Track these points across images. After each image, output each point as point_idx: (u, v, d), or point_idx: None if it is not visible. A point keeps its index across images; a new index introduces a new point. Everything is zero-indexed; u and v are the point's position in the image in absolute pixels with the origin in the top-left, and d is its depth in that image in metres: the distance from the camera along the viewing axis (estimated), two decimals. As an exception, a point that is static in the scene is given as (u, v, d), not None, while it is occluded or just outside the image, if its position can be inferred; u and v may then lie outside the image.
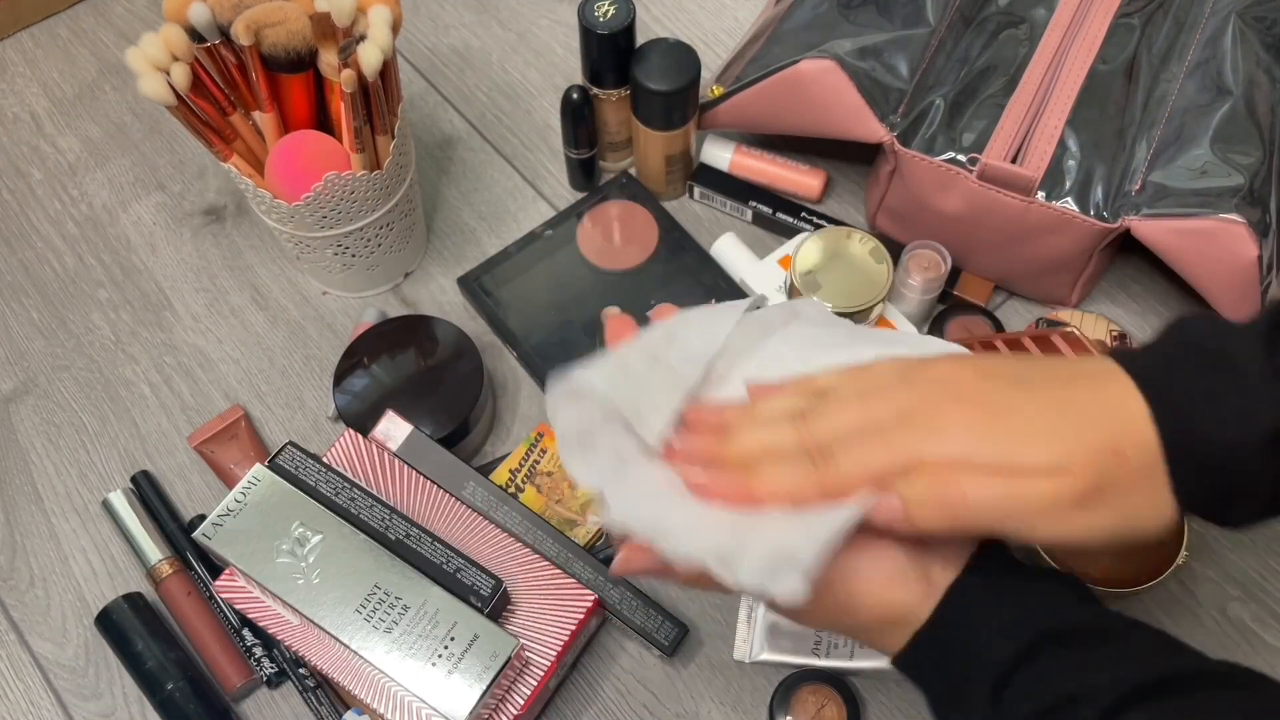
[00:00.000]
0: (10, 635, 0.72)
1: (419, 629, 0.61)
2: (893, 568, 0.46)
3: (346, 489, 0.65)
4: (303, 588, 0.62)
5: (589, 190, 0.86)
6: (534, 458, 0.73)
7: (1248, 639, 0.69)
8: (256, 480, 0.64)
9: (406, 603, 0.61)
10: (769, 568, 0.43)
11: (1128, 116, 0.73)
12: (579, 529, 0.71)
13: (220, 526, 0.63)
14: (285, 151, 0.71)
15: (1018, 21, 0.77)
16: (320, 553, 0.62)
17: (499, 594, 0.62)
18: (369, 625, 0.61)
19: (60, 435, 0.78)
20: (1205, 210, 0.68)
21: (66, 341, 0.82)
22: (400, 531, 0.64)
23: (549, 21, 0.95)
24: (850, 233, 0.73)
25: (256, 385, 0.80)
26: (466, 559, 0.63)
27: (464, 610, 0.61)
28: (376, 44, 0.66)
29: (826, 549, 0.43)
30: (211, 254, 0.85)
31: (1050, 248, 0.73)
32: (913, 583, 0.46)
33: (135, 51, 0.66)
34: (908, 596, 0.46)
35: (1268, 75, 0.73)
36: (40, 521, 0.76)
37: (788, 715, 0.66)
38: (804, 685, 0.66)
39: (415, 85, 0.92)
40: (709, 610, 0.71)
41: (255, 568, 0.62)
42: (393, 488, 0.67)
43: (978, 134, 0.73)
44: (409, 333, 0.75)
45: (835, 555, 0.44)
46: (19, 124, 0.92)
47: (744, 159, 0.84)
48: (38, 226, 0.87)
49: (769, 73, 0.76)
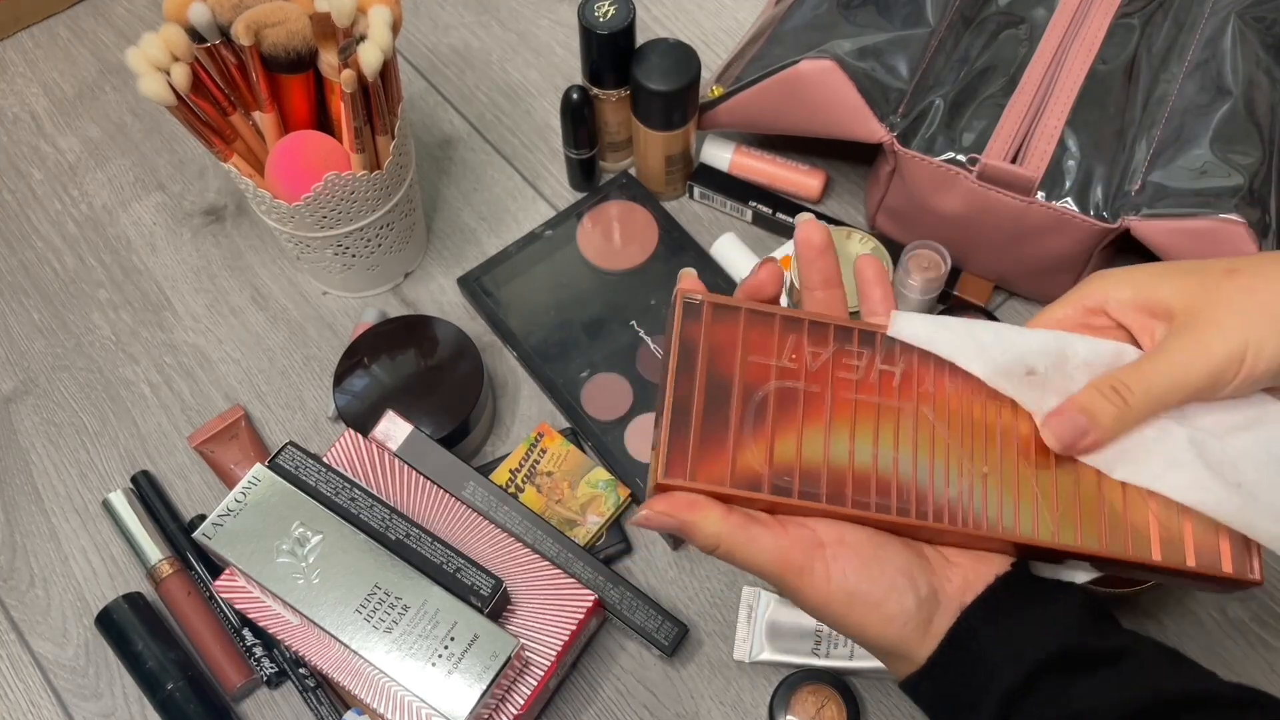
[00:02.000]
0: (10, 635, 0.72)
1: (419, 629, 0.61)
2: (896, 608, 0.45)
3: (346, 489, 0.65)
4: (303, 588, 0.62)
5: (589, 190, 0.86)
6: (534, 458, 0.73)
7: (1247, 639, 0.69)
8: (256, 480, 0.64)
9: (407, 603, 0.61)
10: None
11: (1127, 117, 0.73)
12: (579, 529, 0.71)
13: (220, 526, 0.63)
14: (285, 152, 0.71)
15: (1018, 21, 0.77)
16: (320, 553, 0.62)
17: (499, 594, 0.62)
18: (369, 625, 0.61)
19: (60, 435, 0.78)
20: (1205, 210, 0.68)
21: (66, 341, 0.82)
22: (400, 531, 0.64)
23: (549, 21, 0.95)
24: (850, 233, 0.73)
25: (256, 385, 0.80)
26: (466, 559, 0.63)
27: (464, 610, 0.61)
28: (376, 44, 0.66)
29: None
30: (212, 254, 0.85)
31: (1050, 248, 0.74)
32: (911, 627, 0.45)
33: (135, 52, 0.66)
34: (905, 636, 0.46)
35: (1267, 75, 0.73)
36: (40, 521, 0.76)
37: (788, 715, 0.66)
38: (804, 685, 0.67)
39: (415, 85, 0.92)
40: (709, 610, 0.71)
41: (255, 568, 0.62)
42: (393, 488, 0.67)
43: (977, 134, 0.73)
44: (409, 333, 0.75)
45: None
46: (19, 124, 0.92)
47: (744, 159, 0.84)
48: (38, 227, 0.87)
49: (769, 73, 0.76)
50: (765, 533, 0.45)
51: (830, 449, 0.48)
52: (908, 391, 0.49)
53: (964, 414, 0.49)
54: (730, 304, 0.50)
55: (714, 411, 0.48)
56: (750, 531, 0.45)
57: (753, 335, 0.50)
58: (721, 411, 0.48)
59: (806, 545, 0.45)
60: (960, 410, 0.49)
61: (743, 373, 0.49)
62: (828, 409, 0.49)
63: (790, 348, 0.50)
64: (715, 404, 0.48)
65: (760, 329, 0.50)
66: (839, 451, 0.48)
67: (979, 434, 0.49)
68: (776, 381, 0.49)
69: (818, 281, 0.51)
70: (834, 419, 0.49)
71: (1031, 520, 0.47)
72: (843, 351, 0.50)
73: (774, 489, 0.47)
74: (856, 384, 0.49)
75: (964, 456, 0.48)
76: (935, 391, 0.49)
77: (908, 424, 0.49)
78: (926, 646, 0.46)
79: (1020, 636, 0.45)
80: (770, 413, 0.48)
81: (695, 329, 0.49)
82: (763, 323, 0.50)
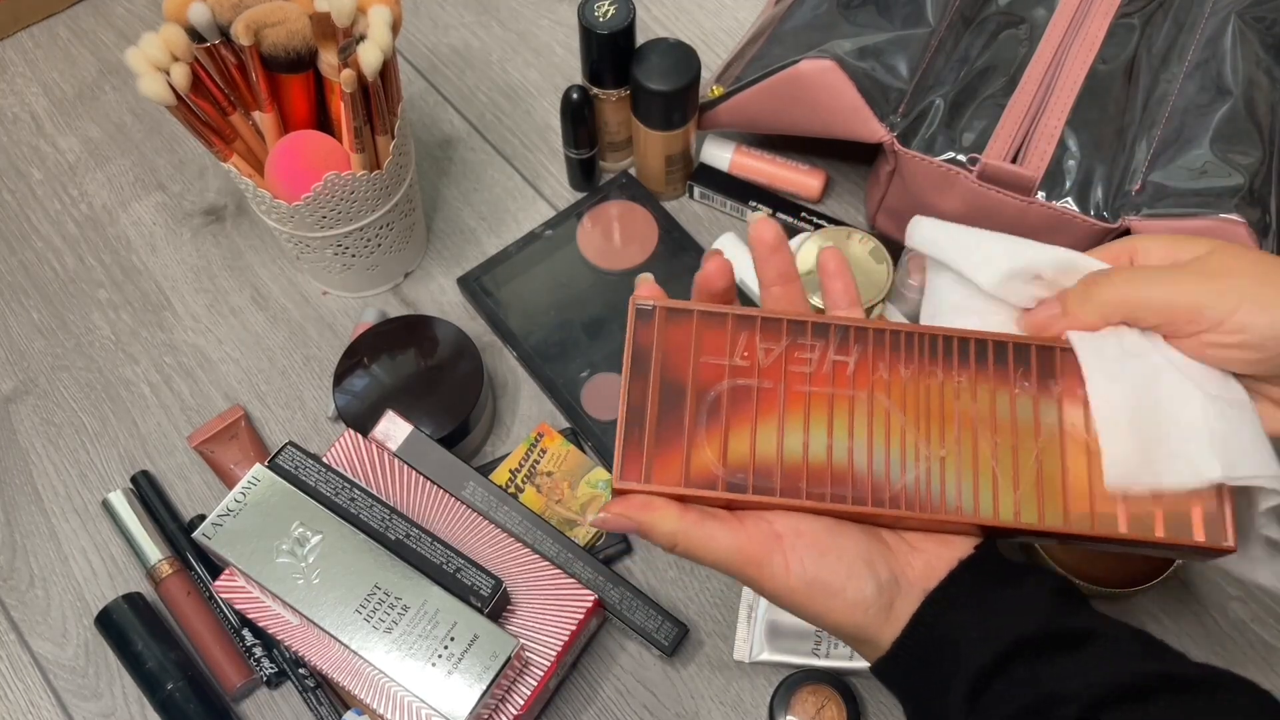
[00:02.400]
0: (10, 635, 0.72)
1: (419, 629, 0.61)
2: (856, 594, 0.46)
3: (346, 489, 0.65)
4: (303, 588, 0.62)
5: (589, 190, 0.86)
6: (534, 457, 0.73)
7: (1247, 639, 0.69)
8: (256, 480, 0.64)
9: (406, 603, 0.61)
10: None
11: (1128, 116, 0.73)
12: (579, 529, 0.71)
13: (220, 527, 0.63)
14: (285, 151, 0.71)
15: (1018, 21, 0.77)
16: (320, 553, 0.62)
17: (499, 594, 0.62)
18: (369, 625, 0.61)
19: (60, 435, 0.78)
20: (1205, 210, 0.68)
21: (66, 341, 0.82)
22: (400, 531, 0.64)
23: (549, 21, 0.95)
24: (850, 233, 0.73)
25: (256, 385, 0.80)
26: (466, 559, 0.63)
27: (464, 610, 0.61)
28: (376, 44, 0.66)
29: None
30: (211, 254, 0.85)
31: (1050, 248, 0.73)
32: (874, 613, 0.46)
33: (135, 52, 0.66)
34: (868, 621, 0.46)
35: (1267, 75, 0.73)
36: (40, 521, 0.76)
37: (788, 715, 0.66)
38: (804, 685, 0.67)
39: (415, 85, 0.92)
40: (709, 609, 0.71)
41: (255, 568, 0.62)
42: (393, 488, 0.67)
43: (978, 134, 0.73)
44: (409, 333, 0.75)
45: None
46: (19, 124, 0.92)
47: (744, 159, 0.84)
48: (38, 227, 0.87)
49: (769, 73, 0.76)
50: (722, 528, 0.46)
51: (784, 443, 0.49)
52: (862, 380, 0.50)
53: (920, 398, 0.50)
54: (683, 307, 0.51)
55: (668, 414, 0.50)
56: (706, 528, 0.46)
57: (705, 336, 0.51)
58: (675, 413, 0.49)
59: (764, 538, 0.46)
60: (916, 395, 0.50)
61: (696, 374, 0.50)
62: (780, 403, 0.50)
63: (743, 346, 0.51)
64: (669, 407, 0.50)
65: (713, 330, 0.51)
66: (793, 444, 0.49)
67: (935, 418, 0.49)
68: (729, 380, 0.50)
69: (774, 278, 0.52)
70: (787, 413, 0.50)
71: (991, 501, 0.47)
72: (795, 345, 0.51)
73: (729, 486, 0.48)
74: (810, 376, 0.50)
75: (921, 441, 0.49)
76: (890, 378, 0.50)
77: (862, 412, 0.50)
78: (890, 631, 0.46)
79: (990, 618, 0.45)
80: (724, 411, 0.50)
81: (648, 334, 0.51)
82: (715, 323, 0.51)
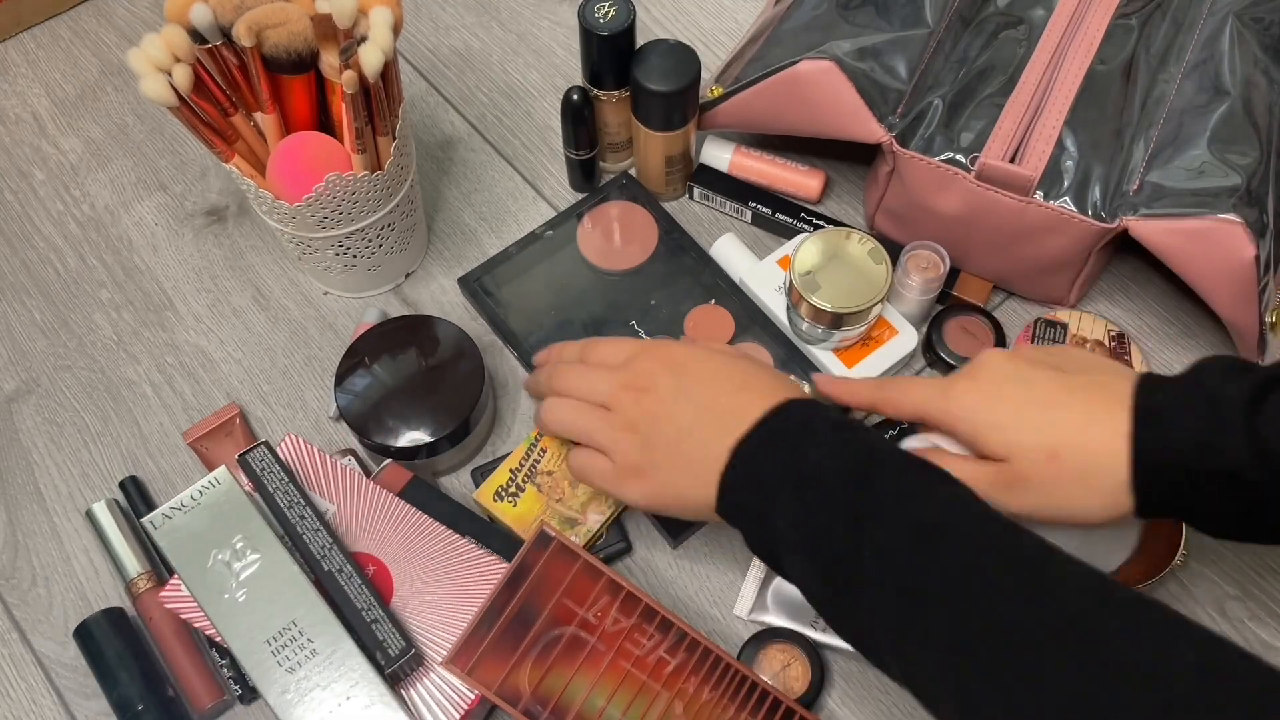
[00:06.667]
0: (12, 634, 0.72)
1: (321, 677, 0.60)
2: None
3: (299, 505, 0.64)
4: (226, 602, 0.61)
5: (589, 191, 0.86)
6: (534, 457, 0.73)
7: (1245, 637, 0.69)
8: (217, 481, 0.64)
9: (317, 646, 0.60)
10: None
11: (1126, 117, 0.73)
12: (579, 528, 0.71)
13: (169, 519, 0.63)
14: (287, 152, 0.71)
15: (1016, 22, 0.77)
16: (253, 572, 0.62)
17: (406, 657, 0.61)
18: (274, 660, 0.60)
19: (62, 435, 0.79)
20: (1203, 210, 0.68)
21: (68, 341, 0.82)
22: (335, 564, 0.63)
23: (549, 23, 0.95)
24: (849, 233, 0.74)
25: (258, 385, 0.80)
26: (389, 614, 0.62)
27: (369, 672, 0.60)
28: (378, 45, 0.67)
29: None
30: (213, 254, 0.85)
31: (1048, 248, 0.74)
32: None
33: (137, 52, 0.67)
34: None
35: (1265, 76, 0.73)
36: (42, 521, 0.76)
37: (752, 666, 0.66)
38: (774, 642, 0.67)
39: (416, 86, 0.92)
40: (709, 609, 0.71)
41: (187, 569, 0.62)
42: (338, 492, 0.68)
43: (976, 134, 0.73)
44: (410, 333, 0.75)
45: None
46: (21, 125, 0.92)
47: (743, 160, 0.84)
48: (40, 227, 0.87)
49: (768, 73, 0.76)
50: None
51: (587, 700, 0.59)
52: (672, 683, 0.60)
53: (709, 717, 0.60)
54: (574, 550, 0.61)
55: (516, 628, 0.59)
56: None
57: (577, 584, 0.61)
58: (522, 631, 0.59)
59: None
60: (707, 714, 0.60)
61: (554, 609, 0.60)
62: (602, 668, 0.59)
63: (601, 607, 0.60)
64: (520, 623, 0.59)
65: (585, 581, 0.61)
66: (593, 705, 0.59)
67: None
68: (575, 628, 0.60)
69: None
70: (603, 678, 0.59)
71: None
72: (639, 628, 0.61)
73: (525, 711, 0.58)
74: (636, 658, 0.60)
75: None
76: (694, 693, 0.60)
77: (658, 707, 0.59)
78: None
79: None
80: (557, 650, 0.59)
81: (537, 557, 0.61)
82: (590, 576, 0.61)
